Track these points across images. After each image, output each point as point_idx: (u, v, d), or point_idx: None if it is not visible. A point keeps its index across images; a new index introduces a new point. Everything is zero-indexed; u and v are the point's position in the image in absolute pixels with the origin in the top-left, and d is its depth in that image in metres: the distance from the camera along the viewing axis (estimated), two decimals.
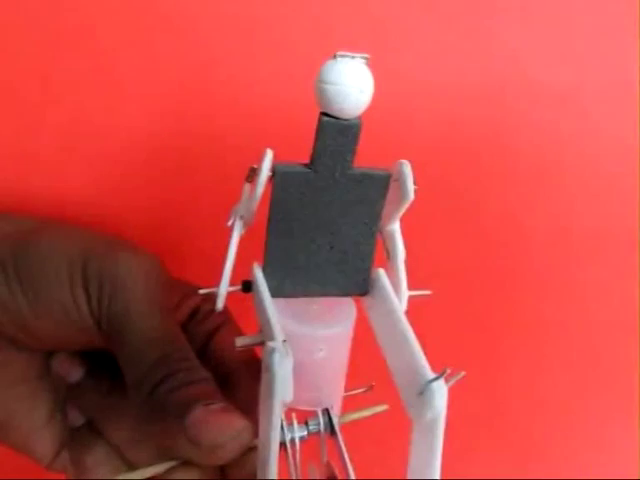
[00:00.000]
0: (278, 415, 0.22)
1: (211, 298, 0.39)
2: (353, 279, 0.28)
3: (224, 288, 0.27)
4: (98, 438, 0.34)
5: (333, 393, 0.29)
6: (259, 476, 0.26)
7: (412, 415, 0.25)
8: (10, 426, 0.34)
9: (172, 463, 0.29)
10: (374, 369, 0.32)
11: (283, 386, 0.21)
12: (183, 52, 0.41)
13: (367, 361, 0.36)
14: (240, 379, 0.34)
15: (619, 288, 0.51)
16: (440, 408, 0.23)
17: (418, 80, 0.44)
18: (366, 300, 0.29)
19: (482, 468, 0.54)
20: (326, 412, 0.29)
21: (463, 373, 0.23)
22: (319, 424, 0.29)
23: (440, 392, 0.23)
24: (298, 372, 0.28)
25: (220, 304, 0.27)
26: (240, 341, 0.29)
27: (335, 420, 0.29)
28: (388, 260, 0.30)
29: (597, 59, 0.46)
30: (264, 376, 0.22)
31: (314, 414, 0.29)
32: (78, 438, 0.35)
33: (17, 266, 0.31)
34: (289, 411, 0.30)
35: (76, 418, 0.36)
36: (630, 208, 0.50)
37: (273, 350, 0.21)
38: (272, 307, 0.24)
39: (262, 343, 0.25)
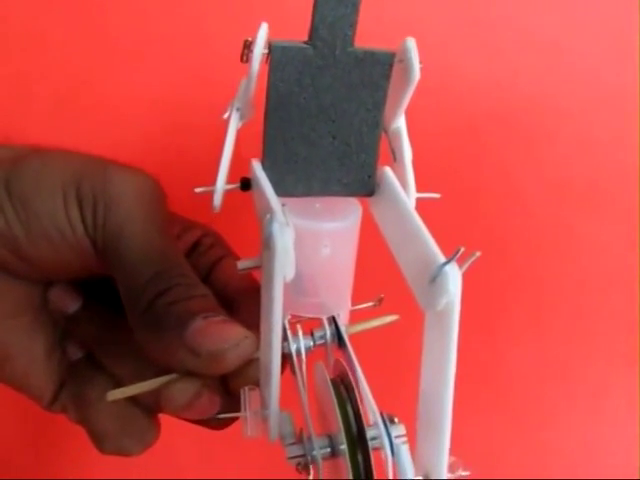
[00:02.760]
0: (279, 297, 0.20)
1: (211, 233, 0.38)
2: (358, 176, 0.26)
3: (221, 184, 0.25)
4: (98, 371, 0.33)
5: (339, 300, 0.28)
6: (262, 384, 0.24)
7: (425, 306, 0.23)
8: (8, 359, 0.33)
9: (172, 376, 0.28)
10: (382, 283, 0.31)
11: (284, 259, 0.19)
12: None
13: (375, 275, 0.35)
14: (242, 305, 0.33)
15: (617, 240, 0.51)
16: (454, 292, 0.22)
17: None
18: (372, 201, 0.27)
19: (481, 428, 0.53)
20: (332, 321, 0.27)
21: (478, 253, 0.22)
22: (325, 334, 0.27)
23: (454, 275, 0.22)
24: (302, 273, 0.26)
25: (217, 201, 0.25)
26: (242, 264, 0.28)
27: (343, 329, 0.27)
28: (394, 161, 0.29)
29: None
30: (264, 254, 0.20)
31: (320, 325, 0.28)
32: (78, 372, 0.34)
33: (10, 188, 0.30)
34: (294, 323, 0.28)
35: (75, 352, 0.34)
36: (629, 159, 0.49)
37: (272, 219, 0.19)
38: (274, 195, 0.23)
39: None
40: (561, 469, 0.53)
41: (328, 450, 0.23)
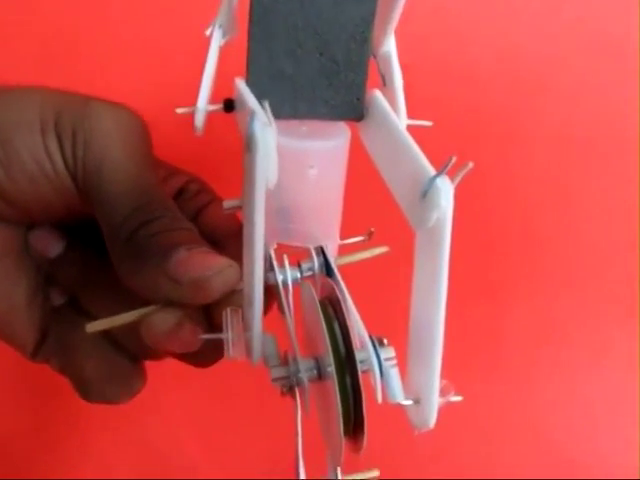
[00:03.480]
0: (261, 204, 0.19)
1: (197, 180, 0.37)
2: (346, 97, 0.25)
3: (203, 104, 0.24)
4: (82, 316, 0.32)
5: (327, 229, 0.27)
6: (245, 304, 0.23)
7: (416, 225, 0.22)
8: None
9: (153, 307, 0.27)
10: (372, 218, 0.30)
11: (265, 160, 0.18)
12: None
13: (364, 209, 0.34)
14: (228, 246, 0.32)
15: (616, 196, 0.50)
16: (446, 206, 0.21)
17: None
18: (362, 127, 0.26)
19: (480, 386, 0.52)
20: (321, 251, 0.26)
21: (470, 164, 0.21)
22: (313, 266, 0.26)
23: (445, 188, 0.21)
24: (287, 198, 0.25)
25: (199, 122, 0.24)
26: (227, 203, 0.27)
27: (332, 260, 0.26)
28: (384, 86, 0.27)
29: None
30: (245, 159, 0.19)
31: (307, 257, 0.27)
32: (61, 318, 0.33)
33: None
34: (280, 252, 0.27)
35: (58, 297, 0.33)
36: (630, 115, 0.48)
37: (253, 118, 0.18)
38: (255, 100, 0.22)
39: None
40: (559, 430, 0.52)
41: (314, 372, 0.22)
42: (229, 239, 0.32)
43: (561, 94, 0.49)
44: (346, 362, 0.21)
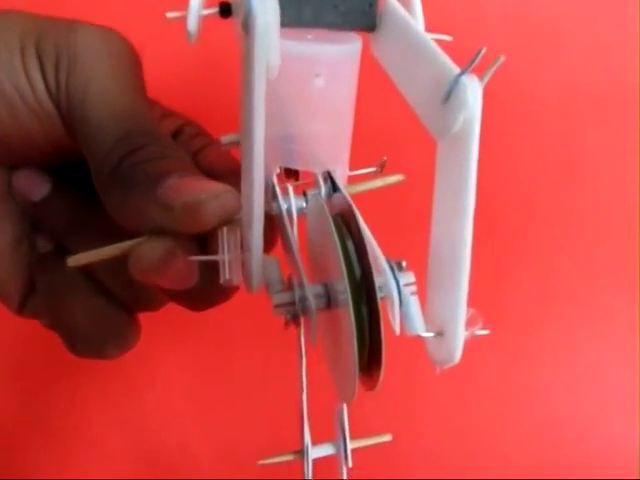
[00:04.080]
0: (261, 89, 0.16)
1: (193, 123, 0.34)
2: (357, 2, 0.23)
3: (195, 6, 0.21)
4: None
5: (335, 152, 0.24)
6: (244, 235, 0.21)
7: (438, 132, 0.19)
8: None
9: (143, 238, 0.24)
10: (385, 148, 0.27)
11: (265, 40, 0.15)
12: None
13: (376, 139, 0.31)
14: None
15: (622, 158, 0.48)
16: (474, 105, 0.18)
17: None
18: (374, 38, 0.23)
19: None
20: (328, 177, 0.24)
21: (502, 58, 0.18)
22: (320, 193, 0.24)
23: (472, 85, 0.18)
24: (290, 115, 0.23)
25: (192, 27, 0.22)
26: (226, 138, 0.25)
27: (341, 187, 0.23)
28: None
29: None
30: (243, 42, 0.16)
31: (313, 185, 0.24)
32: (47, 266, 0.30)
33: None
34: (284, 180, 0.24)
35: (44, 244, 0.31)
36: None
37: None
38: None
39: None
40: (560, 392, 0.51)
41: (323, 300, 0.19)
42: (227, 179, 0.30)
43: (567, 55, 0.47)
44: (362, 285, 0.18)
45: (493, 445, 0.50)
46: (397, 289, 0.19)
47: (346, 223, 0.19)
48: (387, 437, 0.28)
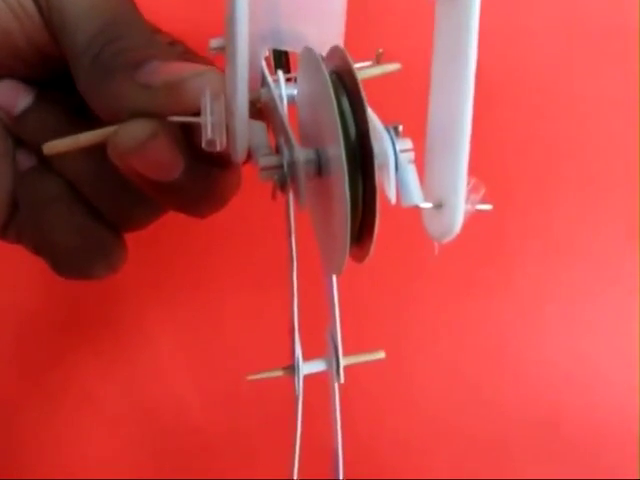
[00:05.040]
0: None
1: (182, 42, 0.33)
2: None
3: None
4: (52, 177, 0.28)
5: (328, 33, 0.22)
6: (228, 99, 0.19)
7: None
8: None
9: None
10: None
11: None
12: None
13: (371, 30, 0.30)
14: None
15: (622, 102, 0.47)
16: None
17: None
18: None
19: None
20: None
21: None
22: None
23: None
24: None
25: None
26: (215, 42, 0.24)
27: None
28: None
29: None
30: None
31: None
32: (30, 182, 0.29)
33: None
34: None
35: (26, 159, 0.29)
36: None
37: None
38: None
39: None
40: (561, 348, 0.50)
41: (314, 165, 0.18)
42: None
43: None
44: (357, 147, 0.17)
45: (490, 392, 0.49)
46: (394, 153, 0.17)
47: (341, 80, 0.18)
48: (381, 354, 0.27)
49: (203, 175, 0.25)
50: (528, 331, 0.50)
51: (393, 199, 0.18)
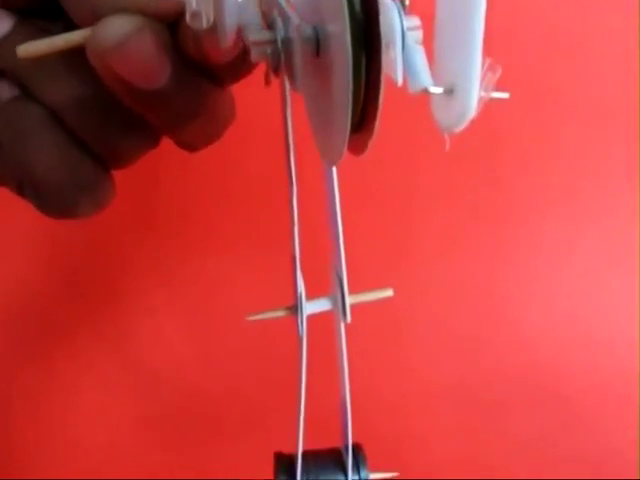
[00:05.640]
0: None
1: None
2: None
3: None
4: (34, 105, 0.26)
5: None
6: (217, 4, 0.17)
7: None
8: None
9: None
10: None
11: None
12: None
13: None
14: None
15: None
16: None
17: None
18: None
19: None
20: None
21: None
22: None
23: None
24: None
25: None
26: None
27: None
28: None
29: None
30: None
31: None
32: (11, 110, 0.27)
33: None
34: None
35: (8, 90, 0.27)
36: None
37: None
38: None
39: None
40: (560, 287, 0.50)
41: (312, 43, 0.16)
42: None
43: None
44: (363, 20, 0.15)
45: (488, 349, 0.49)
46: (401, 30, 0.16)
47: None
48: (388, 292, 0.26)
49: (192, 86, 0.23)
50: (526, 283, 0.50)
51: (400, 80, 0.16)
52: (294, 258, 0.24)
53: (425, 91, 0.16)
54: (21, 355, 0.48)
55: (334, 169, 0.20)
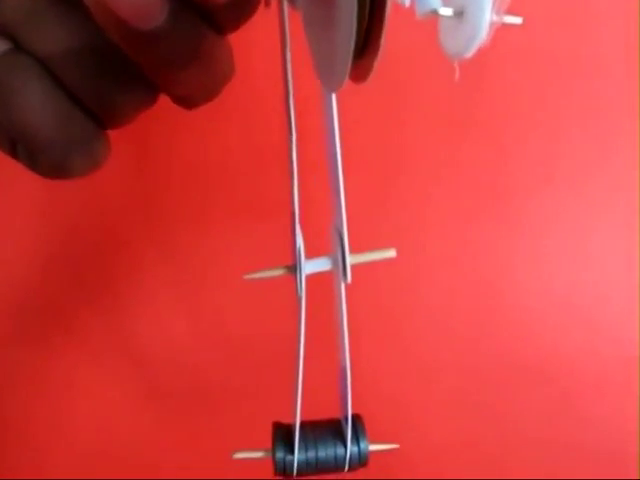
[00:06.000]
0: None
1: None
2: None
3: None
4: (27, 58, 0.25)
5: None
6: None
7: None
8: None
9: None
10: None
11: None
12: None
13: None
14: None
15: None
16: None
17: None
18: None
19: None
20: None
21: None
22: None
23: None
24: None
25: None
26: None
27: None
28: None
29: None
30: None
31: None
32: (2, 65, 0.26)
33: None
34: None
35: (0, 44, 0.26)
36: None
37: None
38: None
39: None
40: (560, 280, 0.49)
41: None
42: None
43: None
44: None
45: (487, 328, 0.48)
46: None
47: None
48: (391, 252, 0.25)
49: (190, 29, 0.22)
50: (527, 261, 0.49)
51: (407, 0, 0.15)
52: (293, 214, 0.23)
53: (434, 13, 0.15)
54: (17, 334, 0.47)
55: (334, 99, 0.19)
